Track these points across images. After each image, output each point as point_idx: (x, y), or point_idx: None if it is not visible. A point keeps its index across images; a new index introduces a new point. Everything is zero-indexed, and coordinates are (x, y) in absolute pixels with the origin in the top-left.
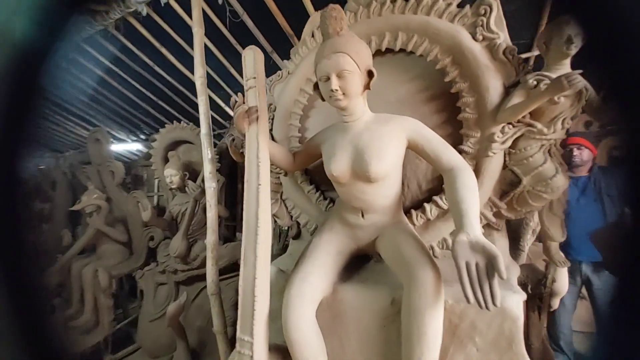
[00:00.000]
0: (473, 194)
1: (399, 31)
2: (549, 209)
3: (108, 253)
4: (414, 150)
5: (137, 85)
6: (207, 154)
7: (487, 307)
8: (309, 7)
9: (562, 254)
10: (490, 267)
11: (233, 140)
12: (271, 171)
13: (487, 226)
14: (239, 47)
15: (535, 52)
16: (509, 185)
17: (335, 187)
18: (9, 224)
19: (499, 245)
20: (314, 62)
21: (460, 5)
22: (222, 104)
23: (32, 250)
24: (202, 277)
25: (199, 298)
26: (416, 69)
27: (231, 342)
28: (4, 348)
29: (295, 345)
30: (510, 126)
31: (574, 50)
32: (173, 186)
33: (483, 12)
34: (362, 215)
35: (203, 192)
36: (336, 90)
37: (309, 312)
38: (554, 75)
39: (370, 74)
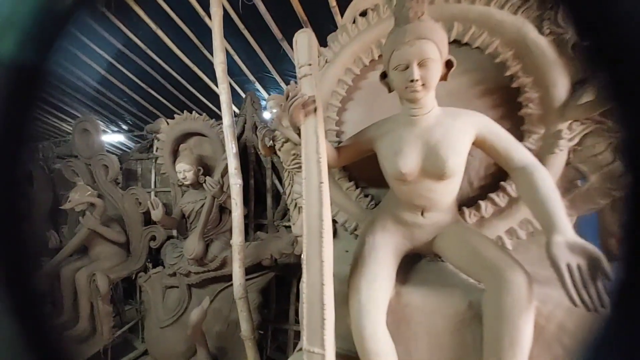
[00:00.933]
0: (555, 192)
1: (455, 21)
2: (611, 206)
3: (103, 255)
4: (480, 146)
5: (124, 70)
6: (232, 147)
7: (595, 310)
8: None
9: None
10: (593, 268)
11: (272, 133)
12: None
13: None
14: (246, 33)
15: None
16: (570, 182)
17: (393, 185)
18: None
19: None
20: (387, 48)
21: None
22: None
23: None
24: (218, 279)
25: (217, 301)
26: (468, 61)
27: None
28: None
29: (373, 356)
30: (578, 123)
31: None
32: (187, 182)
33: (550, 5)
34: (422, 214)
35: (222, 189)
36: (417, 80)
37: (382, 318)
38: None
39: (448, 64)
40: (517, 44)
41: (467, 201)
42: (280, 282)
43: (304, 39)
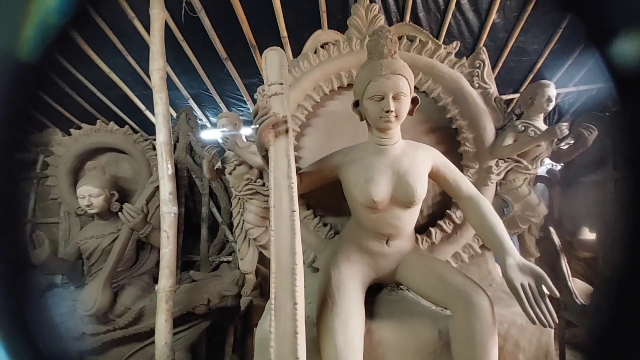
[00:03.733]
0: (499, 219)
1: None
2: (529, 230)
3: None
4: (434, 176)
5: None
6: (167, 168)
7: (549, 326)
8: (281, 22)
9: None
10: (540, 286)
11: (221, 154)
12: (260, 193)
13: (483, 247)
14: (184, 45)
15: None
16: (499, 210)
17: (360, 213)
18: None
19: (491, 264)
20: (362, 78)
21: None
22: (144, 108)
23: None
24: (128, 340)
25: None
26: None
27: None
28: None
29: None
30: (502, 161)
31: (550, 107)
32: (92, 210)
33: (478, 65)
34: (387, 243)
35: (145, 219)
36: (392, 111)
37: None
38: (536, 124)
39: (414, 101)
40: (455, 92)
41: (419, 229)
42: (211, 332)
43: (275, 56)
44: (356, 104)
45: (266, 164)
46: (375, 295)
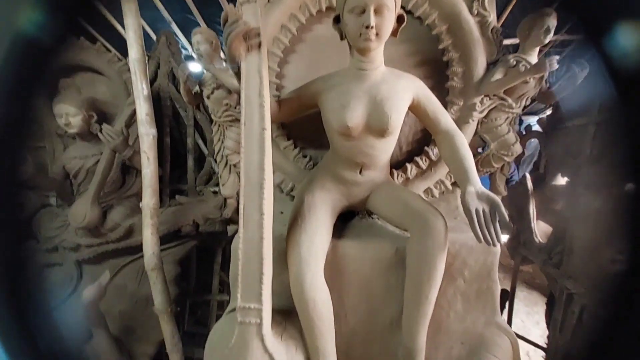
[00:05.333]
0: (470, 153)
1: None
2: (501, 170)
3: None
4: (414, 109)
5: None
6: (142, 88)
7: (494, 245)
8: None
9: None
10: (494, 212)
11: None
12: (239, 120)
13: (454, 184)
14: None
15: None
16: (476, 149)
17: (336, 141)
18: None
19: (460, 200)
20: None
21: None
22: (118, 27)
23: None
24: (121, 252)
25: (120, 278)
26: (408, 31)
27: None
28: None
29: (312, 305)
30: (487, 98)
31: (548, 39)
32: (72, 130)
33: None
34: (361, 172)
35: (126, 141)
36: (372, 27)
37: (321, 269)
38: (529, 58)
39: (400, 19)
40: (451, 19)
41: (396, 164)
42: (201, 253)
43: None
44: (337, 20)
45: (238, 82)
46: (347, 221)
